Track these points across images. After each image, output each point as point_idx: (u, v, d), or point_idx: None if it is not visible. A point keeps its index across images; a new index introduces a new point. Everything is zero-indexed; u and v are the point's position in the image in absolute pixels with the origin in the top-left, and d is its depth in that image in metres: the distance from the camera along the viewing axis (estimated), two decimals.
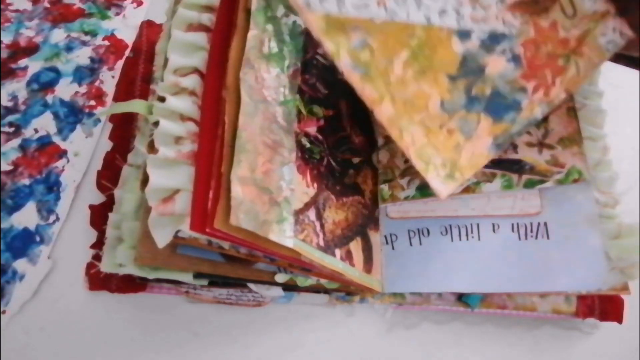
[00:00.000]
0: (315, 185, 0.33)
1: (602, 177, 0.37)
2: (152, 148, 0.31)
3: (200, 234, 0.27)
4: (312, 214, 0.32)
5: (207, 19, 0.33)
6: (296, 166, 0.31)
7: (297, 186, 0.31)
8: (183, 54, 0.32)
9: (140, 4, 0.47)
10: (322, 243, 0.32)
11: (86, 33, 0.45)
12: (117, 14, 0.46)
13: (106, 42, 0.45)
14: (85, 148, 0.41)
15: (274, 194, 0.28)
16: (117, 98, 0.43)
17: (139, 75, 0.44)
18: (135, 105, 0.35)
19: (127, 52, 0.45)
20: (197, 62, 0.32)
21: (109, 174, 0.40)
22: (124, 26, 0.46)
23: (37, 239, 0.38)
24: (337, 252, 0.34)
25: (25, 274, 0.37)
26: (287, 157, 0.30)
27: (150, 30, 0.47)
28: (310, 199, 0.32)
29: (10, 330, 0.36)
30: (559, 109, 0.39)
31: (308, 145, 0.33)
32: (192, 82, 0.31)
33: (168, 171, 0.29)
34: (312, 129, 0.34)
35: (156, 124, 0.31)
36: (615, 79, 0.42)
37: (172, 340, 0.38)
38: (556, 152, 0.38)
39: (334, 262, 0.33)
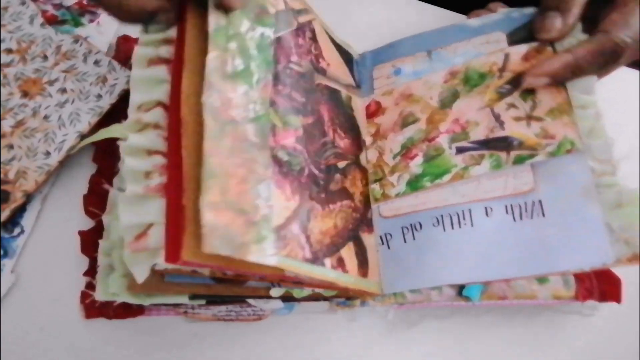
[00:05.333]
0: (297, 197, 0.32)
1: (597, 145, 0.34)
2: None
3: (177, 265, 0.26)
4: (295, 227, 0.31)
5: (166, 51, 0.33)
6: (274, 181, 0.31)
7: (276, 202, 0.30)
8: (145, 89, 0.32)
9: None
10: (308, 255, 0.32)
11: None
12: (91, 20, 0.45)
13: None
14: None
15: (250, 214, 0.28)
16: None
17: None
18: (115, 130, 0.35)
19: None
20: (160, 95, 0.32)
21: (95, 199, 0.40)
22: (98, 33, 0.45)
23: (1, 252, 0.38)
24: (327, 261, 0.33)
25: None
26: (263, 174, 0.30)
27: (126, 46, 0.46)
28: (292, 213, 0.32)
29: (10, 330, 0.37)
30: None
31: (286, 158, 0.33)
32: (155, 115, 0.31)
33: (138, 207, 0.28)
34: (289, 141, 0.33)
35: None
36: None
37: (172, 340, 0.38)
38: (545, 123, 0.36)
39: (324, 272, 0.33)
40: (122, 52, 0.46)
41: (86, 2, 0.45)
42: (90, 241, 0.39)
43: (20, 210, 0.38)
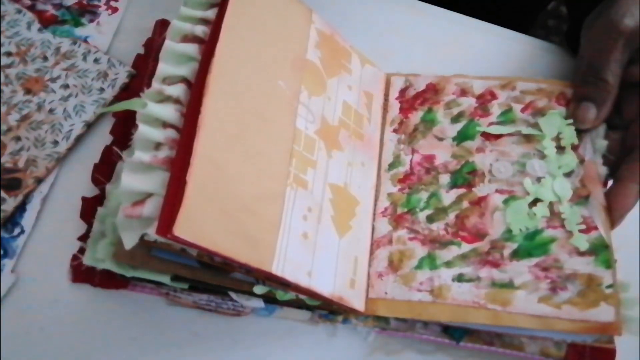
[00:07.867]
0: None
1: None
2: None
3: (167, 239, 0.26)
4: None
5: (201, 31, 0.33)
6: None
7: None
8: (173, 63, 0.32)
9: (115, 10, 0.46)
10: None
11: None
12: (92, 20, 0.45)
13: None
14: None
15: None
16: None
17: (147, 72, 0.44)
18: (135, 104, 0.36)
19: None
20: (187, 72, 0.32)
21: (104, 169, 0.40)
22: (98, 33, 0.45)
23: (1, 252, 0.37)
24: None
25: None
26: None
27: (163, 29, 0.47)
28: None
29: (10, 330, 0.36)
30: None
31: None
32: (177, 90, 0.31)
33: (142, 175, 0.28)
34: None
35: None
36: None
37: (172, 340, 0.37)
38: None
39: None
40: (159, 34, 0.47)
41: (86, 1, 0.45)
42: (90, 207, 0.39)
43: (20, 210, 0.38)
